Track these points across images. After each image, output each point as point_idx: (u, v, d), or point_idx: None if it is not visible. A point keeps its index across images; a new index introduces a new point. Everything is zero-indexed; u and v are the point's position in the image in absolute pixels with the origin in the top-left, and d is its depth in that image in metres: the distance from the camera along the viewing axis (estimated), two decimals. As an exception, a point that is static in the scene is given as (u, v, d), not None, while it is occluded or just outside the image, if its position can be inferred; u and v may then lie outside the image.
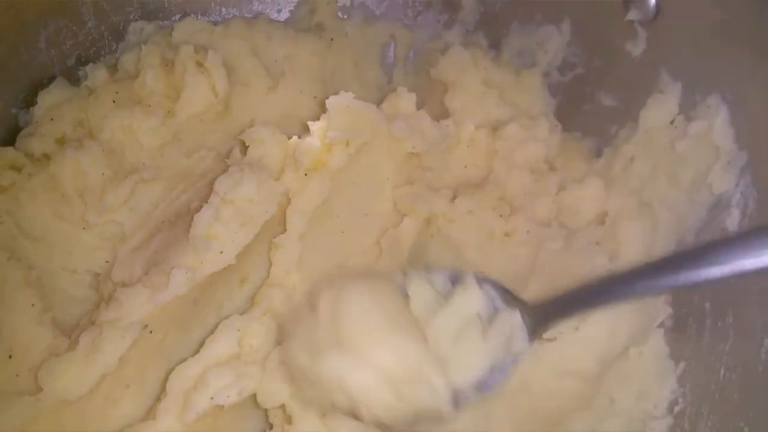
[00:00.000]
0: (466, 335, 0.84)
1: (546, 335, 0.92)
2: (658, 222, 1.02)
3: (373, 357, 0.79)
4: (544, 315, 0.87)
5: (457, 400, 0.83)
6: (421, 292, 0.87)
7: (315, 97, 1.26)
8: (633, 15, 1.06)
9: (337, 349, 0.80)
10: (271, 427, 0.95)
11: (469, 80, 1.20)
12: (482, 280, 0.89)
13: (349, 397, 0.80)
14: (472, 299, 0.86)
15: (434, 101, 1.24)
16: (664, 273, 0.77)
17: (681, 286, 0.77)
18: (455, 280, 0.89)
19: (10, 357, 0.94)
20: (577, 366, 0.92)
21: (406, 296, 0.87)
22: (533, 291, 1.02)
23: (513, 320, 0.86)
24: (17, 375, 0.93)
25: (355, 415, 0.82)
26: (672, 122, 1.04)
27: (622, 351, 0.95)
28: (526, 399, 0.92)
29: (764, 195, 0.92)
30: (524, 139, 1.14)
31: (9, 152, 1.09)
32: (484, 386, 0.84)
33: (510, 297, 0.89)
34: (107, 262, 1.07)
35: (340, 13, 1.35)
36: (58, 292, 1.05)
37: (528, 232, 1.06)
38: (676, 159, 1.02)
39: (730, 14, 0.93)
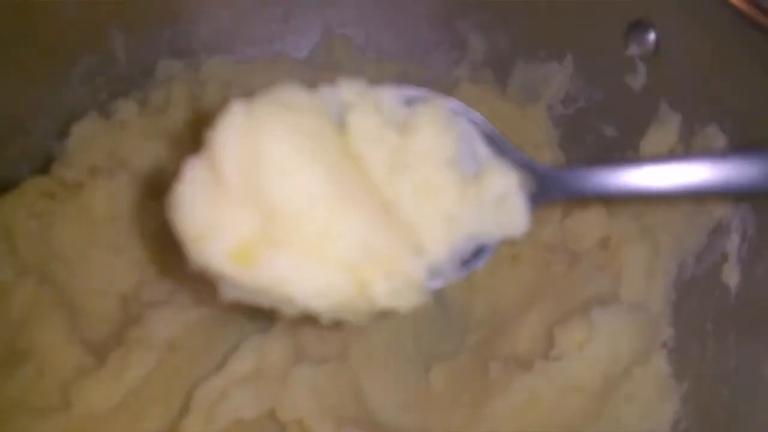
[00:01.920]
0: (436, 197, 0.63)
1: (552, 353, 0.94)
2: (659, 246, 1.05)
3: (333, 253, 0.58)
4: (547, 180, 0.67)
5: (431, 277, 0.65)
6: (364, 122, 0.63)
7: (332, 128, 1.31)
8: (633, 51, 1.10)
9: (277, 247, 0.57)
10: (288, 441, 0.98)
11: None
12: (455, 111, 0.67)
13: (302, 308, 0.61)
14: (439, 137, 0.63)
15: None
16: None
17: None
18: (411, 103, 0.66)
19: (42, 375, 0.98)
20: (582, 382, 0.94)
21: (336, 120, 0.63)
22: (539, 313, 1.06)
23: (507, 184, 0.65)
24: (48, 392, 0.97)
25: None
26: (671, 151, 1.07)
27: (625, 368, 0.97)
28: (533, 417, 0.94)
29: (763, 220, 0.95)
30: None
31: (44, 181, 1.15)
32: (463, 262, 0.67)
33: (496, 141, 0.68)
34: (136, 284, 1.11)
35: (355, 52, 1.40)
36: (87, 313, 1.08)
37: (534, 255, 1.10)
38: (675, 186, 1.05)
39: (728, 47, 0.97)
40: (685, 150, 1.06)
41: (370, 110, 0.64)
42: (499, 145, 0.69)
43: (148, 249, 1.13)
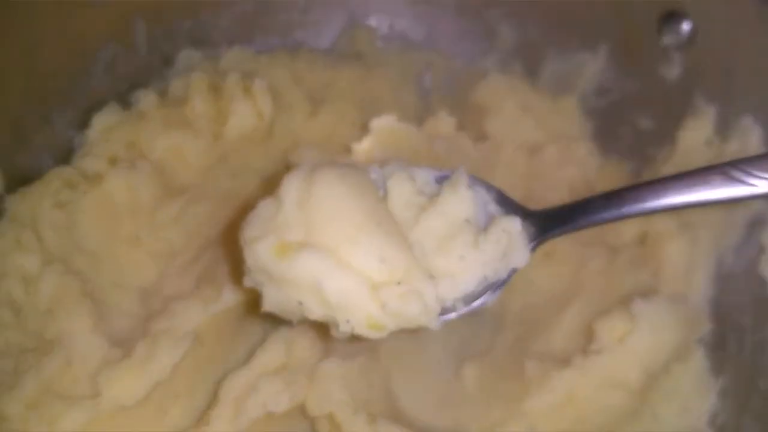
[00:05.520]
0: (453, 243, 0.76)
1: (592, 347, 0.92)
2: (698, 240, 1.03)
3: (354, 259, 0.71)
4: (546, 222, 0.82)
5: (444, 313, 0.78)
6: (400, 188, 0.79)
7: (354, 122, 1.29)
8: (668, 41, 1.08)
9: (310, 246, 0.72)
10: (318, 434, 0.96)
11: (506, 105, 1.23)
12: (474, 181, 0.82)
13: (323, 302, 0.73)
14: (460, 201, 0.78)
15: (471, 125, 1.26)
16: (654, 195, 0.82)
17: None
18: (441, 180, 0.82)
19: (71, 364, 0.97)
20: (623, 377, 0.92)
21: (382, 193, 0.79)
22: (576, 309, 1.04)
23: (511, 227, 0.78)
24: (76, 381, 0.96)
25: (323, 325, 0.75)
26: (708, 142, 1.06)
27: (665, 363, 0.95)
28: (572, 412, 0.92)
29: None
30: (562, 161, 1.17)
31: (66, 171, 1.14)
32: (474, 300, 0.79)
33: (507, 202, 0.84)
34: (156, 277, 1.09)
35: (379, 42, 1.38)
36: (107, 305, 1.06)
37: (569, 252, 1.07)
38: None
39: (764, 37, 0.96)
40: (720, 142, 1.04)
41: (405, 179, 0.81)
42: (506, 203, 0.85)
43: (169, 241, 1.11)
